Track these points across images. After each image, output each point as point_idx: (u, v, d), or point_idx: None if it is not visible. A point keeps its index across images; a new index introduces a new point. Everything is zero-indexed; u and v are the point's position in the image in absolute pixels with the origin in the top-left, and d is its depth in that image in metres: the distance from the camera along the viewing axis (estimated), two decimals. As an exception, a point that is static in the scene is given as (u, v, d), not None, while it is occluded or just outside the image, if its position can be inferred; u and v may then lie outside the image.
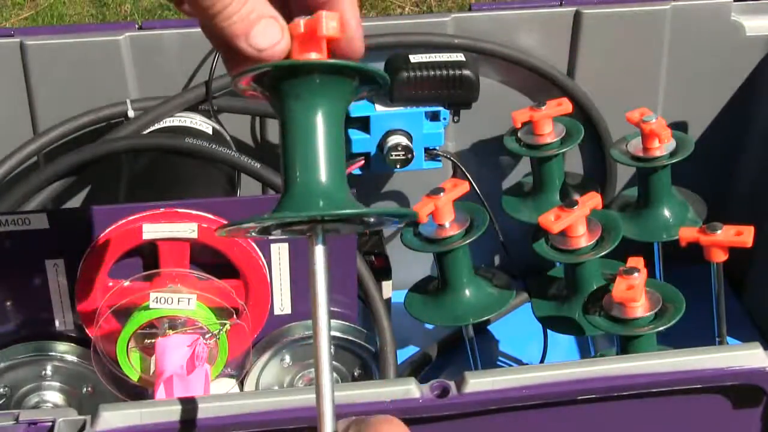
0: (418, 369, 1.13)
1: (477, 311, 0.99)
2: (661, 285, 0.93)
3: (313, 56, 0.52)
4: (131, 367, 0.89)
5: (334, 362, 0.97)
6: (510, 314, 1.18)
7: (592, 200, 0.96)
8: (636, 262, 0.90)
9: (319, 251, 0.51)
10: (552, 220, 0.94)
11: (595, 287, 0.97)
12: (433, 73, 1.07)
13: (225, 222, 0.90)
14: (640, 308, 0.88)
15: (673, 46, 1.17)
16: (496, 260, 1.27)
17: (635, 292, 0.86)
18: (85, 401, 0.94)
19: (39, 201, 1.02)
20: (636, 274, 0.87)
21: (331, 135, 0.52)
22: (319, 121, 0.51)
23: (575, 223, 0.94)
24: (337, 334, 0.96)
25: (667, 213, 1.07)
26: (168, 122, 1.08)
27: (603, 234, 0.96)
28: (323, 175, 0.51)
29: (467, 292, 1.00)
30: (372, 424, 0.45)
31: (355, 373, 0.98)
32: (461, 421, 0.76)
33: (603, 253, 0.95)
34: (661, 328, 0.87)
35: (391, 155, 1.07)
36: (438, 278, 1.01)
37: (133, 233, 0.89)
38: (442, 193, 0.98)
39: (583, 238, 0.95)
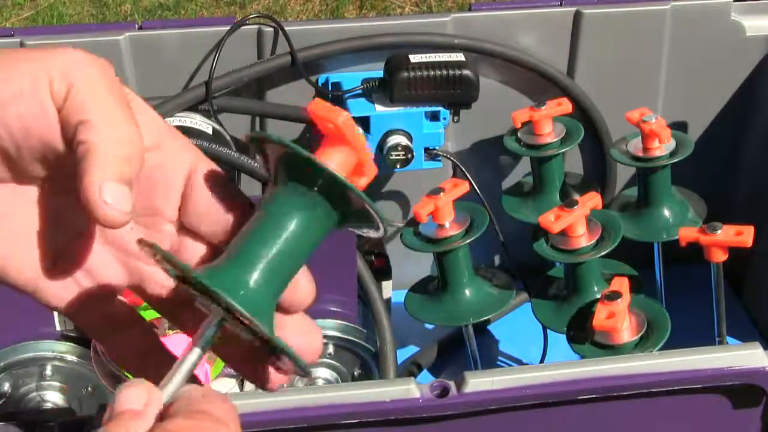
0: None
1: (477, 311, 0.99)
2: (647, 303, 0.93)
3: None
4: (131, 367, 0.89)
5: (334, 362, 0.97)
6: (510, 314, 1.18)
7: (592, 200, 0.96)
8: (619, 284, 0.89)
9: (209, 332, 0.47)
10: (552, 220, 0.94)
11: (594, 287, 0.96)
12: (433, 73, 1.07)
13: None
14: (625, 332, 0.88)
15: (673, 46, 1.17)
16: (496, 260, 1.27)
17: (616, 321, 0.86)
18: (85, 401, 0.94)
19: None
20: (618, 300, 0.87)
21: (303, 251, 0.47)
22: (307, 230, 0.46)
23: (575, 223, 0.94)
24: (337, 334, 0.96)
25: (667, 213, 1.07)
26: (168, 122, 1.08)
27: (603, 234, 0.96)
28: (267, 282, 0.45)
29: (467, 292, 1.00)
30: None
31: (355, 373, 0.98)
32: (461, 421, 0.76)
33: (603, 253, 0.95)
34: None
35: (391, 155, 1.07)
36: (438, 278, 1.01)
37: (133, 233, 0.89)
38: (442, 193, 0.98)
39: (583, 238, 0.95)
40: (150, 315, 0.89)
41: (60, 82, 0.42)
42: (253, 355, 0.47)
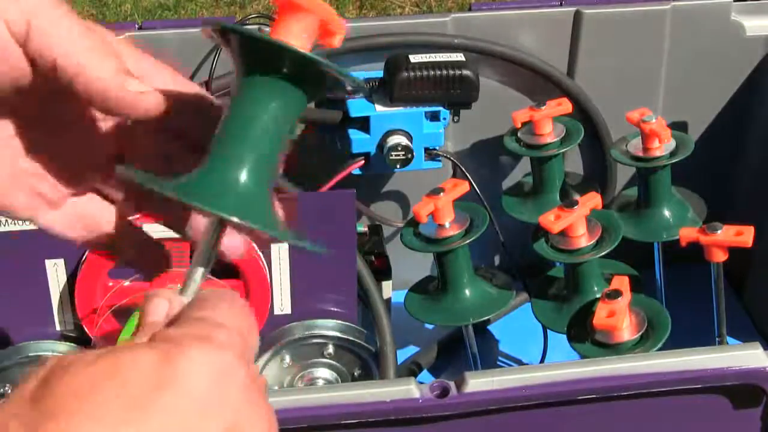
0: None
1: (477, 311, 0.99)
2: (647, 302, 0.93)
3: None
4: (131, 367, 0.89)
5: (334, 362, 0.97)
6: (510, 314, 1.18)
7: (592, 200, 0.96)
8: (620, 283, 0.89)
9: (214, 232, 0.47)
10: (552, 220, 0.94)
11: (594, 287, 0.96)
12: (433, 73, 1.07)
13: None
14: (626, 331, 0.88)
15: (673, 46, 1.17)
16: (496, 260, 1.27)
17: (617, 319, 0.86)
18: (85, 401, 0.94)
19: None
20: (619, 299, 0.87)
21: (275, 134, 0.46)
22: (273, 112, 0.46)
23: (575, 223, 0.94)
24: (337, 334, 0.96)
25: (667, 213, 1.07)
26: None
27: (603, 234, 0.96)
28: (246, 171, 0.45)
29: (467, 292, 1.00)
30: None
31: (355, 373, 0.98)
32: (461, 421, 0.76)
33: (603, 253, 0.95)
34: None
35: (391, 155, 1.07)
36: (438, 278, 1.01)
37: (133, 233, 0.89)
38: (442, 193, 0.98)
39: (583, 238, 0.95)
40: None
41: (19, 23, 0.46)
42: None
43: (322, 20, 0.46)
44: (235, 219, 0.43)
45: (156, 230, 0.89)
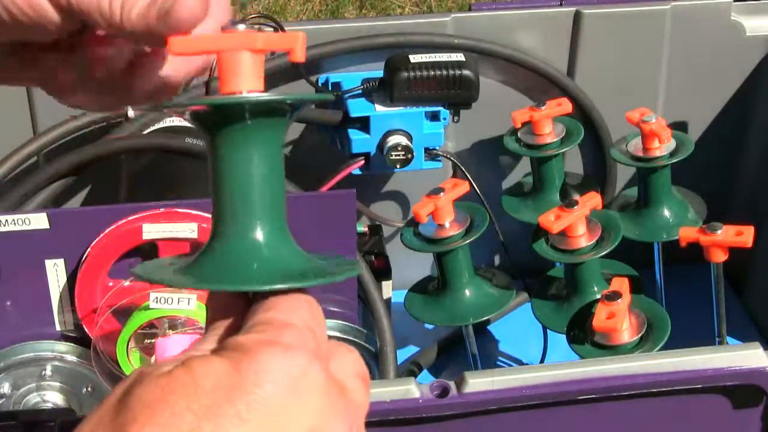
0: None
1: (477, 311, 0.99)
2: (647, 303, 0.93)
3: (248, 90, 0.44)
4: (131, 366, 0.89)
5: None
6: (510, 314, 1.18)
7: (592, 200, 0.96)
8: (619, 284, 0.89)
9: None
10: (552, 220, 0.94)
11: (594, 287, 0.96)
12: (433, 73, 1.07)
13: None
14: (625, 333, 0.88)
15: (673, 46, 1.17)
16: (496, 260, 1.27)
17: (616, 321, 0.86)
18: (85, 401, 0.94)
19: (39, 201, 1.02)
20: (618, 300, 0.87)
21: (269, 178, 0.44)
22: (257, 162, 0.44)
23: (575, 223, 0.94)
24: (337, 334, 0.96)
25: (667, 213, 1.07)
26: (168, 122, 1.08)
27: (603, 234, 0.96)
28: (260, 228, 0.44)
29: (467, 292, 1.00)
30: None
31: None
32: (461, 421, 0.76)
33: (603, 253, 0.95)
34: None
35: (391, 155, 1.07)
36: (438, 278, 1.01)
37: (133, 233, 0.89)
38: (442, 193, 0.98)
39: (583, 238, 0.95)
40: (150, 315, 0.89)
41: None
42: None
43: (260, 51, 0.44)
44: (266, 287, 0.42)
45: (156, 230, 0.89)
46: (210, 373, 0.38)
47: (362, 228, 1.12)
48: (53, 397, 0.94)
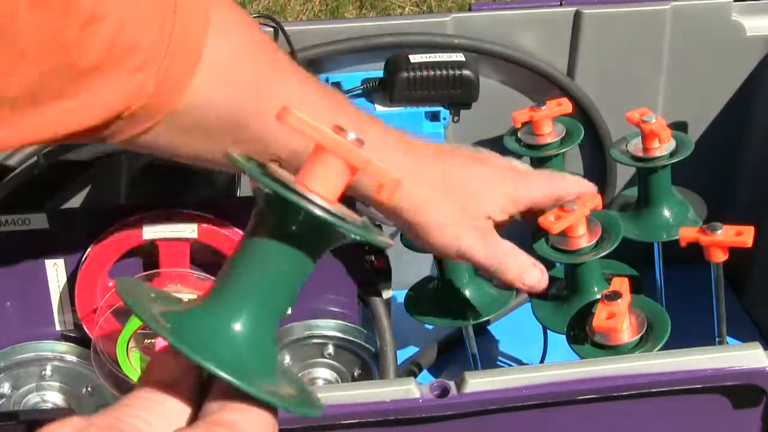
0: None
1: (477, 311, 0.99)
2: (647, 303, 0.93)
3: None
4: (131, 367, 0.89)
5: (334, 362, 0.97)
6: (510, 314, 1.18)
7: (593, 200, 0.96)
8: (619, 284, 0.89)
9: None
10: (552, 220, 0.94)
11: (594, 288, 0.96)
12: (433, 73, 1.07)
13: (225, 223, 0.90)
14: (625, 333, 0.88)
15: (673, 46, 1.17)
16: (496, 260, 1.27)
17: (616, 321, 0.86)
18: (85, 401, 0.94)
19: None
20: (618, 300, 0.87)
21: (292, 285, 0.45)
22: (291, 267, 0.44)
23: (575, 223, 0.94)
24: (337, 334, 0.96)
25: (667, 213, 1.07)
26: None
27: (603, 234, 0.96)
28: (264, 325, 0.44)
29: (467, 292, 0.99)
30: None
31: (355, 373, 0.98)
32: (461, 421, 0.76)
33: (603, 254, 0.95)
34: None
35: (391, 155, 1.07)
36: (438, 278, 1.01)
37: (133, 233, 0.89)
38: (442, 193, 0.98)
39: (583, 239, 0.95)
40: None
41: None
42: None
43: (354, 168, 0.43)
44: (221, 373, 0.41)
45: (156, 230, 0.89)
46: None
47: (362, 228, 1.12)
48: (53, 397, 0.94)
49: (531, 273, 0.86)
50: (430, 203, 0.82)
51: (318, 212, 0.42)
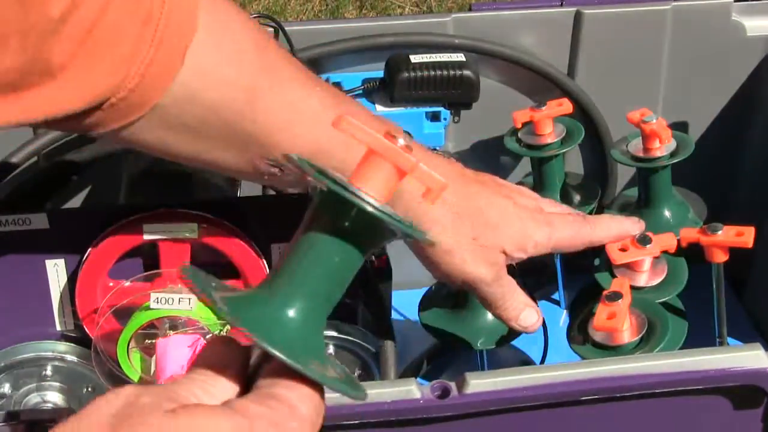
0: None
1: (493, 338, 0.96)
2: (646, 303, 0.92)
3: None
4: (131, 367, 0.89)
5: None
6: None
7: (667, 241, 0.94)
8: (620, 284, 0.89)
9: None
10: (617, 251, 0.93)
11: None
12: (433, 73, 1.07)
13: (225, 223, 0.90)
14: (626, 333, 0.88)
15: (673, 46, 1.17)
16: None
17: (617, 321, 0.86)
18: (85, 401, 0.94)
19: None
20: (619, 301, 0.87)
21: (345, 277, 0.48)
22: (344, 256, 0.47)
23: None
24: (337, 334, 0.96)
25: (667, 213, 1.07)
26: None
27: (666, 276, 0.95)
28: (299, 311, 0.47)
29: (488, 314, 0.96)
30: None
31: (355, 373, 0.98)
32: (462, 422, 0.76)
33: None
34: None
35: (392, 155, 1.07)
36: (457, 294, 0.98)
37: (133, 233, 0.89)
38: (442, 194, 0.97)
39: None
40: (151, 315, 0.89)
41: None
42: None
43: (403, 172, 0.46)
44: (275, 352, 0.44)
45: (156, 230, 0.89)
46: (211, 430, 0.41)
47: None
48: (53, 397, 0.94)
49: (528, 316, 0.87)
50: (442, 223, 0.81)
51: (370, 209, 0.45)
